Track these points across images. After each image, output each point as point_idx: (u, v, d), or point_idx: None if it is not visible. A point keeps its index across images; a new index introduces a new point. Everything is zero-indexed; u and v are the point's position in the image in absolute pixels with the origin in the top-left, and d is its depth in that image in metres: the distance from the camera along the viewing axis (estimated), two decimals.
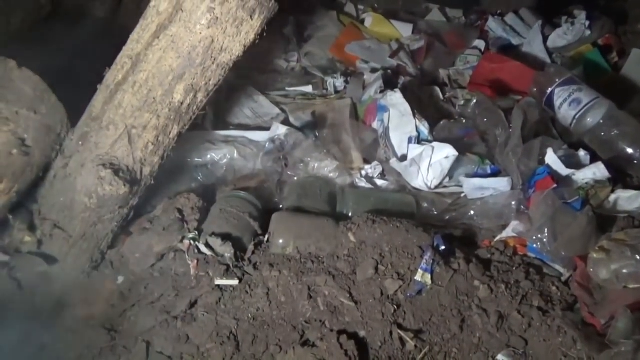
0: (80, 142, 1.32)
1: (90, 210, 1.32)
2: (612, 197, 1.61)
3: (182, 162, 1.76)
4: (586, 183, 1.63)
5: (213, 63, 1.26)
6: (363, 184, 1.80)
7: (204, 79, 1.28)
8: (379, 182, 1.81)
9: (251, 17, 1.22)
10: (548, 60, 2.45)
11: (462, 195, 1.74)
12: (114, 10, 2.16)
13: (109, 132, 1.29)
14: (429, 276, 1.33)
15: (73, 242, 1.36)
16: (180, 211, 1.48)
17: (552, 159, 1.68)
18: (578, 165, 1.70)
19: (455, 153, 1.70)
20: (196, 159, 1.81)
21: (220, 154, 1.82)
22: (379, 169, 1.84)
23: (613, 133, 1.81)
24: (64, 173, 1.34)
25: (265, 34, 1.30)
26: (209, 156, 1.82)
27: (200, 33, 1.21)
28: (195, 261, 1.37)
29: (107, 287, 1.39)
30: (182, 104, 1.29)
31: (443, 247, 1.40)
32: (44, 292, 1.32)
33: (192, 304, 1.31)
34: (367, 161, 1.88)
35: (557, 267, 1.48)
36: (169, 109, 1.29)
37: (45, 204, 1.37)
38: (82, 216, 1.33)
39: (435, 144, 1.74)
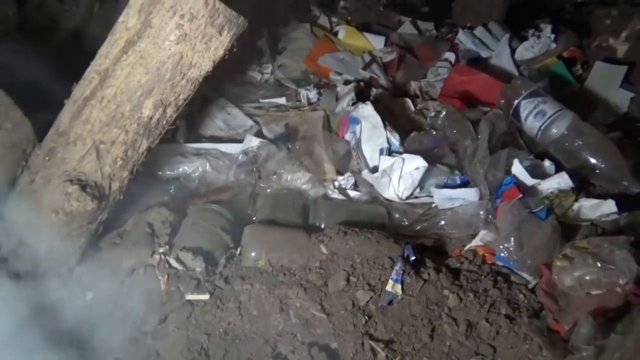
0: (47, 158, 1.31)
1: (58, 227, 1.30)
2: (576, 205, 1.66)
3: (154, 175, 1.75)
4: (551, 192, 1.67)
5: (182, 78, 1.26)
6: (336, 195, 1.81)
7: (173, 94, 1.28)
8: (352, 193, 1.83)
9: (220, 33, 1.23)
10: (516, 72, 2.52)
11: (433, 205, 1.76)
12: (85, 22, 2.14)
13: (77, 147, 1.28)
14: (400, 286, 1.35)
15: (40, 259, 1.33)
16: (150, 225, 1.48)
17: (518, 169, 1.72)
18: (543, 175, 1.74)
19: (426, 164, 1.73)
20: (168, 172, 1.80)
21: (192, 167, 1.82)
22: (352, 180, 1.86)
23: (576, 143, 1.86)
24: (30, 189, 1.32)
25: (235, 50, 1.31)
26: (181, 169, 1.82)
27: (169, 49, 1.21)
28: (166, 276, 1.36)
29: (75, 304, 1.37)
30: (151, 119, 1.29)
31: (413, 258, 1.42)
32: (10, 310, 1.29)
33: (163, 320, 1.31)
34: (339, 172, 1.90)
35: (524, 275, 1.52)
36: (137, 124, 1.29)
37: (10, 221, 1.34)
38: (49, 232, 1.31)
39: (405, 155, 1.77)
